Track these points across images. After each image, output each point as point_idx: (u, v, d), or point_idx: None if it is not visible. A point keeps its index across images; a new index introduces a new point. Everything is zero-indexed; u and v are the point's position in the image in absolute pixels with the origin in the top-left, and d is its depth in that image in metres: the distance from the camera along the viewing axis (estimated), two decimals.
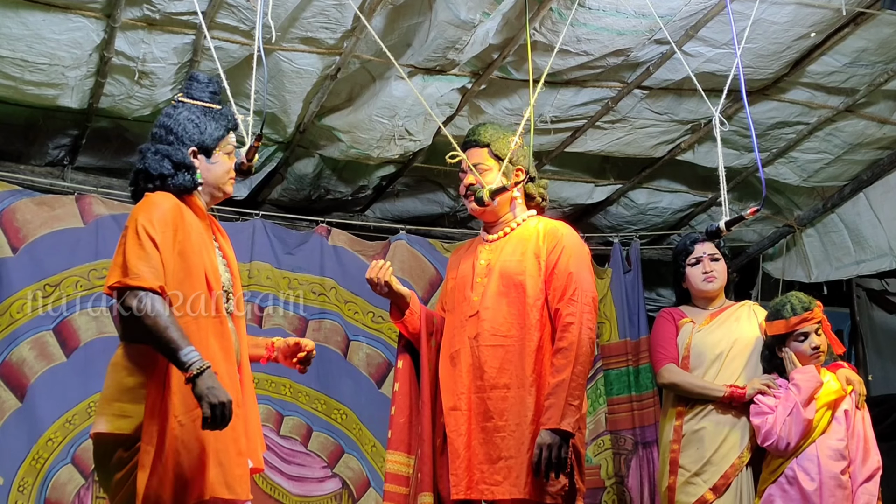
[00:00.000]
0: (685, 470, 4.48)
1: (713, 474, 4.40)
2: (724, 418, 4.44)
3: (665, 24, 4.16)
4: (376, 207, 5.87)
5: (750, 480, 4.38)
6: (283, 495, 5.12)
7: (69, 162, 5.14)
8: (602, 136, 5.18)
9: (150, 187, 3.16)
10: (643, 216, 6.10)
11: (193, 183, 3.19)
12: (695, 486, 4.43)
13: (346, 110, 4.81)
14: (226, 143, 3.27)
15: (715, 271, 4.72)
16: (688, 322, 4.70)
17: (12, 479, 4.60)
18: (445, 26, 4.15)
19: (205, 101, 3.27)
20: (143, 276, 2.93)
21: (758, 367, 4.51)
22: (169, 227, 3.03)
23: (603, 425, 5.77)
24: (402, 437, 3.75)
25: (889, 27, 4.35)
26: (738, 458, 4.38)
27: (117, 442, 2.95)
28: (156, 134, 3.22)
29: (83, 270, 4.91)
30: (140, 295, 2.92)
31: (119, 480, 2.97)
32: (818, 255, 6.05)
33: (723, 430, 4.43)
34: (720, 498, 4.37)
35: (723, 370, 4.53)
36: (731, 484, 4.37)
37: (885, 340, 6.88)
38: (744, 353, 4.55)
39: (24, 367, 4.72)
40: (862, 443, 4.06)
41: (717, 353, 4.57)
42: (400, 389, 3.79)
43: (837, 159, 5.41)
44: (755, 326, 4.59)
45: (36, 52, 4.16)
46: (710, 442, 4.44)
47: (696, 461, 4.46)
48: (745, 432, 4.41)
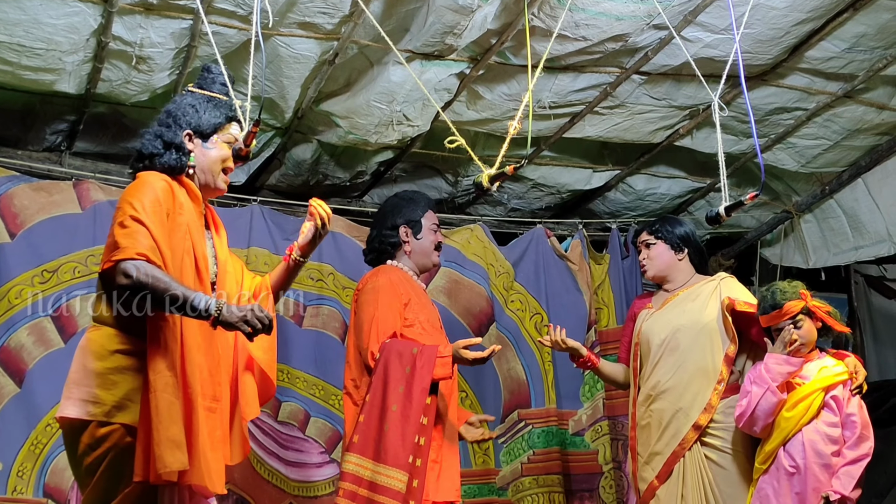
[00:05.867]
0: (640, 456, 4.52)
1: (658, 462, 4.42)
2: (667, 406, 4.43)
3: (664, 9, 4.15)
4: (374, 193, 5.87)
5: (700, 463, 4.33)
6: (281, 480, 5.13)
7: (67, 147, 5.13)
8: (600, 122, 5.17)
9: (140, 167, 3.20)
10: (641, 202, 6.10)
11: (181, 163, 3.20)
12: (646, 473, 4.48)
13: (344, 96, 4.80)
14: (225, 132, 3.29)
15: (647, 257, 4.69)
16: (647, 308, 4.70)
17: (11, 464, 4.61)
18: (444, 11, 4.15)
19: (212, 91, 3.32)
20: (127, 249, 2.93)
21: (706, 353, 4.42)
22: (160, 206, 3.04)
23: (601, 411, 5.78)
24: None
25: (888, 12, 4.35)
26: (679, 446, 4.36)
27: (84, 426, 2.95)
28: (159, 119, 3.27)
29: (81, 256, 4.91)
30: (126, 266, 2.91)
31: (90, 465, 2.97)
32: (816, 240, 6.05)
33: (665, 418, 4.42)
34: (664, 484, 4.39)
35: (664, 357, 4.49)
36: (672, 470, 4.36)
37: (883, 326, 6.89)
38: (690, 338, 4.45)
39: (22, 353, 4.73)
40: (858, 429, 4.05)
41: (661, 338, 4.52)
42: None
43: (836, 145, 5.41)
44: (713, 307, 4.46)
45: (33, 36, 4.15)
46: (655, 430, 4.45)
47: (645, 448, 4.50)
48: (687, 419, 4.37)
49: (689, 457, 4.35)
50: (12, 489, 4.59)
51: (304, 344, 5.34)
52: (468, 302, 5.70)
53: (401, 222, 4.42)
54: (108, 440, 2.94)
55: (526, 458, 5.58)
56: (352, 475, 3.93)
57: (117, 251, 2.94)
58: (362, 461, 3.93)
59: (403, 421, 3.95)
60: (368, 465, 3.93)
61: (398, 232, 4.41)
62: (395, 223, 4.42)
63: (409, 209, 4.45)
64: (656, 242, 4.66)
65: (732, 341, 4.40)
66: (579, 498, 5.67)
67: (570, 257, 5.94)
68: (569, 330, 4.72)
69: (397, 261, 4.41)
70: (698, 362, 4.42)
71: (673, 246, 4.65)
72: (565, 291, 5.88)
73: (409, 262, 4.42)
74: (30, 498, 4.63)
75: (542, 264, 5.86)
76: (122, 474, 2.93)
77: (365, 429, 3.97)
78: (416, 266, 4.43)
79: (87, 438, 2.95)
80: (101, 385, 2.97)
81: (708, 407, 4.35)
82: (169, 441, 2.87)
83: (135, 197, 3.03)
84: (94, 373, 2.99)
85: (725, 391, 4.37)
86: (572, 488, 5.65)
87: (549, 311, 5.79)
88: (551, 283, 5.86)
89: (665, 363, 4.48)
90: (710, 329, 4.44)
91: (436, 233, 4.47)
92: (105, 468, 2.94)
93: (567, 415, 5.76)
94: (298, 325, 5.33)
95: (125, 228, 2.97)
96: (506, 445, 5.65)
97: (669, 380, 4.45)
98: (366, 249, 4.55)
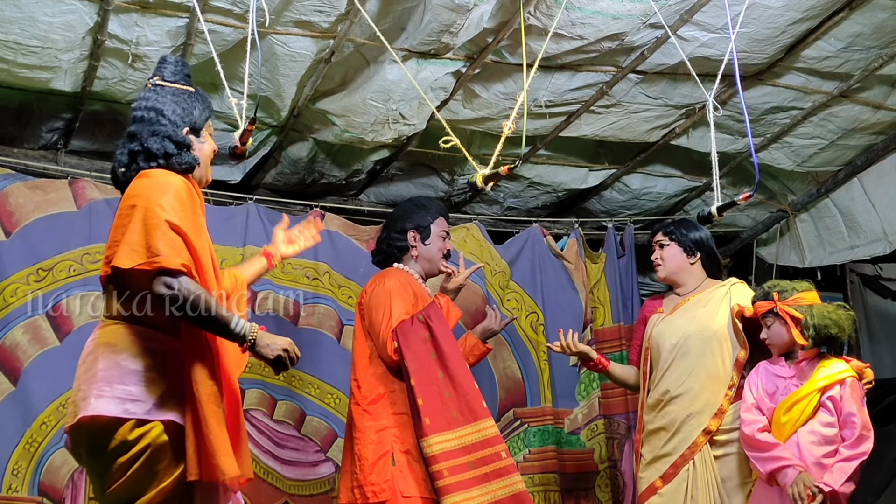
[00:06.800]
0: (644, 458, 4.56)
1: (664, 464, 4.45)
2: (678, 410, 4.45)
3: (660, 8, 4.15)
4: (370, 192, 5.87)
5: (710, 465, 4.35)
6: (276, 479, 5.13)
7: (62, 145, 5.12)
8: (596, 121, 5.17)
9: (153, 165, 3.16)
10: (637, 201, 6.10)
11: (196, 161, 3.24)
12: (648, 474, 4.50)
13: (340, 94, 4.80)
14: (209, 126, 3.37)
15: (660, 258, 4.70)
16: (658, 312, 4.72)
17: (6, 462, 4.60)
18: (440, 10, 4.14)
19: (181, 83, 3.31)
20: (169, 258, 2.93)
21: (717, 359, 4.44)
22: (187, 209, 3.06)
23: (596, 410, 5.78)
24: None
25: (884, 11, 4.35)
26: (689, 450, 4.39)
27: (120, 424, 2.95)
28: (142, 117, 3.22)
29: (76, 255, 4.90)
30: (169, 280, 2.94)
31: (124, 463, 2.96)
32: (812, 240, 6.06)
33: (676, 422, 4.44)
34: (668, 484, 4.41)
35: (675, 363, 4.51)
36: (679, 472, 4.39)
37: (879, 325, 6.90)
38: (701, 344, 4.47)
39: (17, 352, 4.72)
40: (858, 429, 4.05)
41: (672, 343, 4.54)
42: None
43: (831, 144, 5.41)
44: (724, 313, 4.49)
45: (29, 34, 4.14)
46: (664, 434, 4.48)
47: (651, 451, 4.52)
48: (698, 425, 4.39)
49: (699, 458, 4.38)
50: (7, 487, 4.58)
51: (300, 342, 5.21)
52: (464, 301, 5.67)
53: (410, 227, 4.49)
54: (146, 438, 2.96)
55: (522, 456, 5.58)
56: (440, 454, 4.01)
57: (157, 257, 2.92)
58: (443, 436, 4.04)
59: (457, 379, 4.10)
60: (451, 435, 4.04)
61: (406, 236, 4.49)
62: (404, 227, 4.50)
63: (420, 214, 4.52)
64: (670, 244, 4.68)
65: (743, 347, 4.43)
66: (575, 496, 5.66)
67: (567, 256, 5.94)
68: (564, 329, 4.74)
69: (404, 264, 4.49)
70: (709, 368, 4.45)
71: (686, 249, 4.67)
72: (561, 290, 5.88)
73: (416, 266, 4.49)
74: (25, 496, 4.62)
75: (538, 263, 5.86)
76: (157, 472, 2.97)
77: (430, 408, 4.06)
78: (422, 271, 4.51)
79: (124, 436, 2.95)
80: (140, 383, 2.98)
81: (719, 412, 4.38)
82: (224, 450, 2.94)
83: (162, 198, 3.02)
84: (132, 371, 2.99)
85: (736, 396, 4.40)
86: (568, 487, 5.65)
87: (545, 310, 5.79)
88: (547, 282, 5.86)
89: (676, 368, 4.50)
90: (721, 335, 4.47)
91: (445, 240, 4.54)
92: (140, 465, 2.96)
93: (563, 413, 5.76)
94: (294, 323, 5.32)
95: (159, 231, 2.95)
96: None
97: (681, 385, 4.47)
98: (374, 251, 4.64)
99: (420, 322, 4.16)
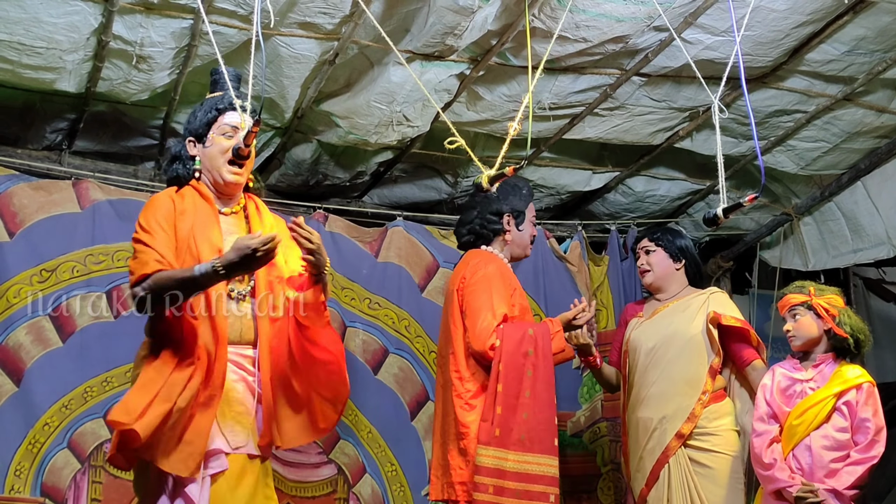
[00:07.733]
0: (632, 461, 4.59)
1: (646, 468, 4.48)
2: (652, 413, 4.48)
3: (664, 10, 4.15)
4: (374, 193, 5.86)
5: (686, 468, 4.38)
6: (278, 481, 5.11)
7: (66, 146, 5.13)
8: (600, 123, 5.17)
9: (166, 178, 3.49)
10: (641, 204, 6.10)
11: (187, 173, 3.37)
12: (637, 482, 4.54)
13: (345, 96, 4.80)
14: (219, 125, 3.41)
15: (647, 264, 4.74)
16: (638, 316, 4.77)
17: (9, 463, 4.60)
18: (444, 12, 4.14)
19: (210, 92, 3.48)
20: (136, 272, 3.13)
21: (691, 365, 4.48)
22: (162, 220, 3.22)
23: (599, 412, 5.78)
24: None
25: (888, 15, 4.35)
26: (663, 454, 4.42)
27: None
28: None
29: (80, 256, 4.90)
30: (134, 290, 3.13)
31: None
32: (815, 243, 6.05)
33: (650, 425, 4.48)
34: (652, 490, 4.45)
35: (650, 367, 4.54)
36: (659, 476, 4.42)
37: (882, 329, 6.89)
38: (676, 349, 4.52)
39: (20, 352, 4.72)
40: (871, 434, 4.06)
41: (648, 347, 4.58)
42: None
43: (835, 148, 5.41)
44: (700, 320, 4.53)
45: (33, 35, 4.15)
46: (641, 436, 4.51)
47: (634, 453, 4.56)
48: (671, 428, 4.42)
49: (674, 462, 4.42)
50: (10, 488, 4.58)
51: None
52: None
53: (506, 209, 4.40)
54: None
55: None
56: (493, 469, 3.90)
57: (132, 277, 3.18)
58: (503, 453, 3.91)
59: (540, 405, 3.98)
60: (512, 455, 3.91)
61: (502, 219, 4.39)
62: (500, 209, 4.39)
63: (516, 198, 4.43)
64: (656, 249, 4.72)
65: (717, 354, 4.49)
66: (577, 499, 5.66)
67: (570, 259, 5.94)
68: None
69: (493, 247, 4.40)
70: (683, 373, 4.49)
71: (672, 255, 4.73)
72: (564, 293, 5.87)
73: (506, 249, 4.42)
74: (27, 497, 4.62)
75: (541, 265, 5.86)
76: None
77: (505, 420, 3.95)
78: (510, 254, 4.42)
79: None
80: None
81: (691, 416, 4.42)
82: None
83: (141, 218, 3.25)
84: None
85: (710, 400, 4.45)
86: (570, 489, 5.64)
87: (548, 313, 5.77)
88: (550, 285, 5.86)
89: (652, 372, 4.55)
90: (697, 341, 4.52)
91: (535, 226, 4.50)
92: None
93: (565, 416, 5.75)
94: None
95: (133, 253, 3.20)
96: None
97: (655, 388, 4.52)
98: (462, 229, 4.49)
99: (530, 336, 4.06)
